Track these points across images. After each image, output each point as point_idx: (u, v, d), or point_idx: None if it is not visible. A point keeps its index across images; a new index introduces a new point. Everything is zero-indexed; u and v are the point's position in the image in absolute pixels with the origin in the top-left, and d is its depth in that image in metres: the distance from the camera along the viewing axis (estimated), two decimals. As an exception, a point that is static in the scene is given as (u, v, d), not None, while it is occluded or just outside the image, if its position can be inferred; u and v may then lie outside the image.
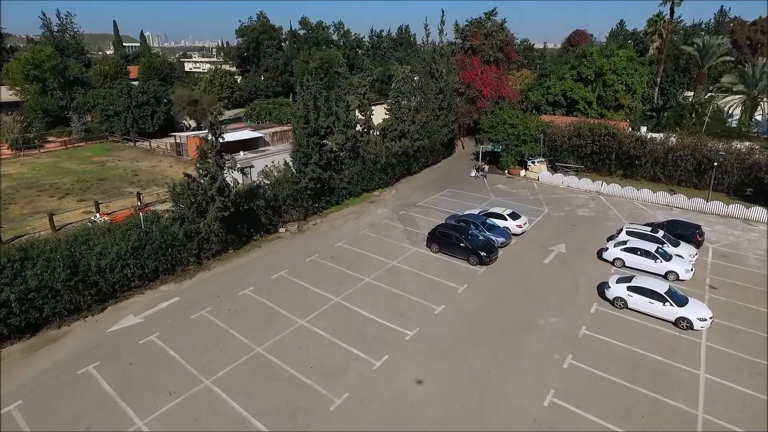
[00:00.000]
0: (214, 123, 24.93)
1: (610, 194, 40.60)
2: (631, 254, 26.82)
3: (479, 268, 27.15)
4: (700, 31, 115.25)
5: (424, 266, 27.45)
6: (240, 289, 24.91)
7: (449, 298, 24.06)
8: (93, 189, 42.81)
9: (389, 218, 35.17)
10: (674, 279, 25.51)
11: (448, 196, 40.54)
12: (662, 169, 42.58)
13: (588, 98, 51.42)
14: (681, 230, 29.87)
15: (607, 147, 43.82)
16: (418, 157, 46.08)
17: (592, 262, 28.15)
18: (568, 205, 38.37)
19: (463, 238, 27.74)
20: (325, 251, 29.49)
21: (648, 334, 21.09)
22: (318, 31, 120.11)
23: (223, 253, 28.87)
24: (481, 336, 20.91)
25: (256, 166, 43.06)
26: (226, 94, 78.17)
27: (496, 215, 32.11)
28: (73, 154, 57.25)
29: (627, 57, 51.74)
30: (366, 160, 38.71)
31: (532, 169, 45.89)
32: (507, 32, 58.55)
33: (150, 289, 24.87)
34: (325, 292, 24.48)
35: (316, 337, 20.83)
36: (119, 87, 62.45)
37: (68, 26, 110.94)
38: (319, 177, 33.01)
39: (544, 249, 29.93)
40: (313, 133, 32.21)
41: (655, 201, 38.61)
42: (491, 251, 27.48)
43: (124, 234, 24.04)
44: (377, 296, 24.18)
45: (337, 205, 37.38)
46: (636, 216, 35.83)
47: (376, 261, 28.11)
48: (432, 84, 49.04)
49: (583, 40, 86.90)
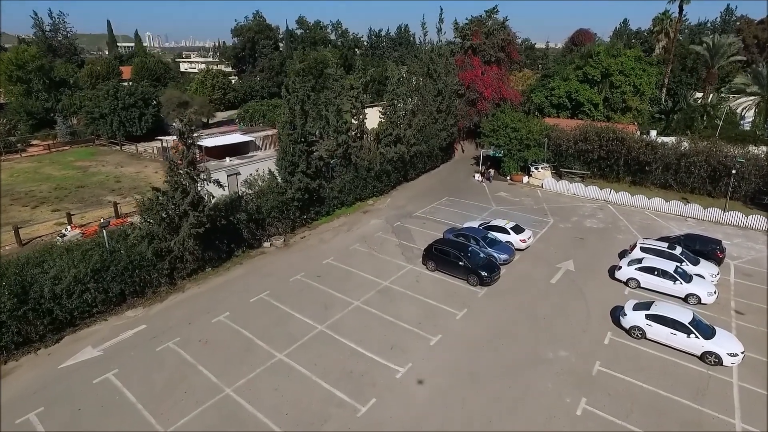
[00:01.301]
0: (184, 131, 22.46)
1: (619, 203, 38.12)
2: (646, 274, 24.33)
3: (480, 290, 24.69)
4: (705, 30, 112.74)
5: (419, 287, 25.00)
6: (215, 314, 22.47)
7: (446, 326, 21.60)
8: (70, 197, 40.39)
9: (383, 230, 32.72)
10: (695, 303, 23.05)
11: (446, 204, 38.07)
12: (674, 175, 40.10)
13: (594, 100, 48.93)
14: (700, 246, 27.37)
15: (615, 152, 41.33)
16: (415, 162, 43.62)
17: (604, 282, 25.68)
18: (574, 215, 35.90)
19: (462, 256, 25.27)
20: (312, 269, 27.04)
21: (671, 370, 18.63)
22: (315, 31, 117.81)
23: (200, 271, 26.42)
24: (481, 374, 18.45)
25: (243, 173, 40.62)
26: (218, 95, 75.67)
27: (497, 228, 29.64)
28: (56, 158, 54.85)
29: (635, 57, 49.25)
30: (359, 167, 36.24)
31: (536, 175, 43.41)
32: (509, 31, 56.02)
33: (115, 315, 22.43)
34: (308, 319, 22.02)
35: (295, 375, 18.38)
36: (105, 88, 60.03)
37: (61, 26, 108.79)
38: (307, 187, 30.56)
39: (550, 266, 27.46)
40: (301, 139, 29.76)
41: (667, 211, 36.12)
42: (493, 271, 25.01)
43: (84, 254, 21.61)
44: (366, 324, 21.72)
45: (328, 216, 34.92)
46: (648, 228, 33.35)
47: (366, 281, 25.66)
48: (430, 85, 46.57)
49: (587, 39, 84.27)
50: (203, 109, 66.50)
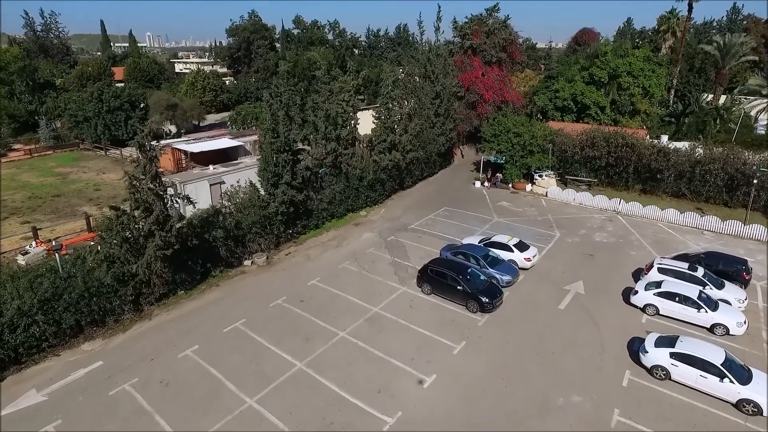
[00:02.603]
0: (142, 143, 19.89)
1: (630, 214, 35.53)
2: (666, 300, 21.76)
3: (480, 317, 22.15)
4: (711, 30, 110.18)
5: (412, 314, 22.46)
6: (182, 348, 19.96)
7: (442, 362, 19.07)
8: (44, 208, 37.92)
9: (375, 245, 30.19)
10: (723, 334, 20.52)
11: (444, 216, 35.51)
12: (687, 184, 37.50)
13: (601, 103, 46.33)
14: (723, 265, 24.79)
15: (625, 159, 38.75)
16: (412, 169, 41.05)
17: (618, 308, 23.12)
18: (582, 227, 33.34)
19: (460, 280, 22.70)
20: (295, 292, 24.51)
21: (702, 420, 16.09)
22: (312, 31, 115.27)
23: (171, 295, 23.89)
24: (482, 425, 15.91)
25: (229, 181, 37.99)
26: (209, 97, 73.11)
27: (499, 245, 27.09)
28: (36, 164, 52.40)
29: (644, 57, 46.68)
30: (350, 177, 33.68)
31: (540, 183, 40.85)
32: (510, 30, 53.45)
33: (69, 349, 19.92)
34: (286, 354, 19.50)
35: (266, 426, 15.86)
36: (89, 90, 57.54)
37: (53, 26, 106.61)
38: (292, 200, 28.04)
39: (557, 288, 24.91)
40: (285, 148, 27.23)
41: (682, 223, 33.55)
42: (495, 296, 22.45)
43: (31, 282, 19.12)
44: (352, 360, 19.20)
45: (317, 229, 32.39)
46: (663, 242, 30.80)
47: (355, 306, 23.13)
48: (427, 88, 44.02)
49: (591, 39, 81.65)
50: (193, 111, 63.97)
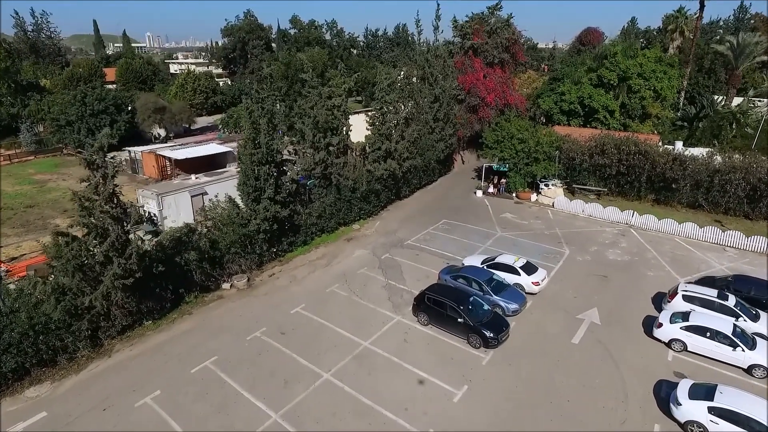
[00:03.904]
0: (91, 160, 17.26)
1: (644, 228, 32.89)
2: (696, 335, 19.16)
3: (484, 354, 19.54)
4: (718, 29, 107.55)
5: (407, 351, 19.85)
6: (141, 393, 17.36)
7: (441, 414, 16.45)
8: (14, 220, 35.33)
9: (368, 264, 27.58)
10: (763, 376, 17.92)
11: (443, 230, 32.89)
12: (705, 194, 34.90)
13: (610, 107, 43.72)
14: (755, 292, 22.17)
15: (637, 167, 36.13)
16: (409, 178, 38.44)
17: (639, 342, 20.50)
18: (593, 243, 30.73)
19: (461, 311, 20.09)
20: (277, 322, 21.91)
21: (749, 494, 13.50)
22: (309, 31, 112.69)
23: (137, 326, 21.33)
24: (488, 500, 13.34)
25: (213, 192, 35.33)
26: (199, 99, 70.52)
27: (504, 267, 24.46)
28: (15, 170, 49.81)
29: (655, 58, 44.08)
30: (342, 188, 31.07)
31: (546, 193, 38.21)
32: (514, 29, 50.79)
33: (10, 396, 17.33)
34: (261, 403, 16.88)
35: (229, 502, 13.29)
36: (72, 93, 54.98)
37: (44, 26, 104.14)
38: (276, 216, 25.43)
39: (569, 317, 22.29)
40: (267, 159, 24.63)
41: (701, 238, 30.91)
42: (500, 330, 19.84)
43: (-36, 321, 16.55)
44: (336, 410, 16.59)
45: (305, 246, 29.77)
46: (682, 261, 28.18)
47: (342, 340, 20.53)
48: (426, 91, 41.40)
49: (595, 38, 79.15)
50: (182, 114, 61.41)
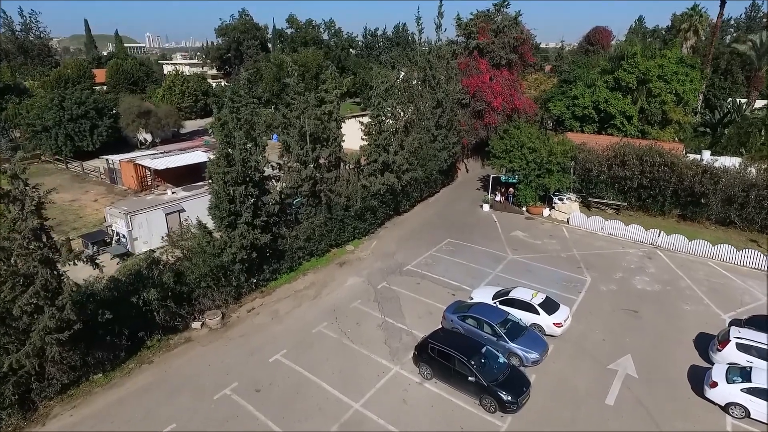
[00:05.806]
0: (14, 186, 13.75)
1: (673, 250, 29.36)
2: (761, 400, 15.66)
3: (500, 421, 16.04)
4: (729, 27, 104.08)
5: (406, 415, 16.33)
6: (74, 480, 13.91)
7: None
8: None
9: (362, 296, 24.09)
10: None
11: (447, 251, 29.37)
12: (739, 210, 31.42)
13: (628, 112, 40.18)
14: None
15: (662, 180, 32.62)
16: (409, 191, 34.91)
17: (687, 403, 16.96)
18: (617, 268, 27.21)
19: (472, 366, 16.56)
20: (251, 374, 18.42)
21: None
22: (306, 30, 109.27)
23: (84, 380, 17.85)
24: None
25: (191, 210, 31.80)
26: (188, 102, 67.02)
27: (521, 304, 20.96)
28: (-15, 181, 46.30)
29: (676, 58, 40.56)
30: (333, 206, 27.56)
31: (560, 208, 34.66)
32: (522, 28, 47.29)
33: None
34: (221, 496, 13.43)
35: None
36: (50, 95, 51.52)
37: (33, 25, 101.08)
38: (254, 243, 21.92)
39: (600, 368, 18.77)
40: (243, 179, 21.13)
41: (739, 263, 27.40)
42: (520, 390, 16.30)
43: None
44: (316, 508, 13.12)
45: (292, 273, 26.24)
46: (721, 291, 24.65)
47: (328, 400, 17.03)
48: (427, 95, 37.89)
49: (604, 38, 75.54)
50: (169, 118, 57.88)
